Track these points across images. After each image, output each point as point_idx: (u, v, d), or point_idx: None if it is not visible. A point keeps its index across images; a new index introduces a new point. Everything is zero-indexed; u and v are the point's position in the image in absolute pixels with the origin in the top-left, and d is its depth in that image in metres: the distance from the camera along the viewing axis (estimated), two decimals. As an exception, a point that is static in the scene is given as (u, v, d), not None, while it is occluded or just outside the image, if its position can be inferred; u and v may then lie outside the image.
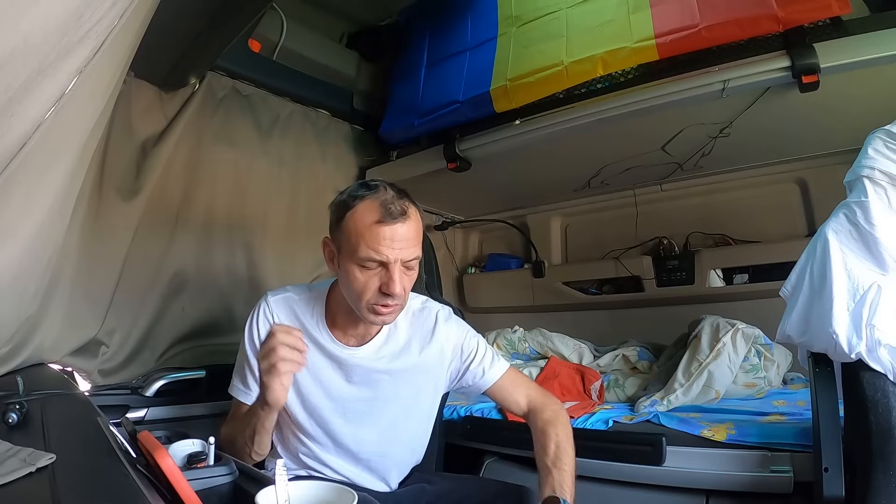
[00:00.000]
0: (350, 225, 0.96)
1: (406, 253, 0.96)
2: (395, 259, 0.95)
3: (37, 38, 0.52)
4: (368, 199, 0.96)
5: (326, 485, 0.69)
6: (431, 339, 1.14)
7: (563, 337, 2.17)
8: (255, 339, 1.11)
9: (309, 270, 2.22)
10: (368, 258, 0.94)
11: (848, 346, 1.01)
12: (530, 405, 1.15)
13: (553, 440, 1.05)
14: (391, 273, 0.95)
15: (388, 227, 0.94)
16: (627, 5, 1.58)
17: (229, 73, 1.98)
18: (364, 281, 0.96)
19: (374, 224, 0.94)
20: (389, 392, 1.11)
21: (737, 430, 1.33)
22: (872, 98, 1.48)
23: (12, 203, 0.72)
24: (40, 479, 0.57)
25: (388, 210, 0.94)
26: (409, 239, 0.96)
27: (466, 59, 1.95)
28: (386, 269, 0.96)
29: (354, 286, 0.98)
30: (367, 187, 0.98)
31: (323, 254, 1.07)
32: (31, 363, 1.30)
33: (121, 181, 1.65)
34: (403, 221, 0.95)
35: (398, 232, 0.94)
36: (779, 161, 2.05)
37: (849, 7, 1.31)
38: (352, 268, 0.97)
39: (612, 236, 2.50)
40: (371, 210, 0.95)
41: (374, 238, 0.94)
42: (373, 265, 0.95)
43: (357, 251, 0.95)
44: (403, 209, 0.96)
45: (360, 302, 0.99)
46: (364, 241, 0.94)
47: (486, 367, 1.15)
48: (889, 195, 1.03)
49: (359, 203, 0.96)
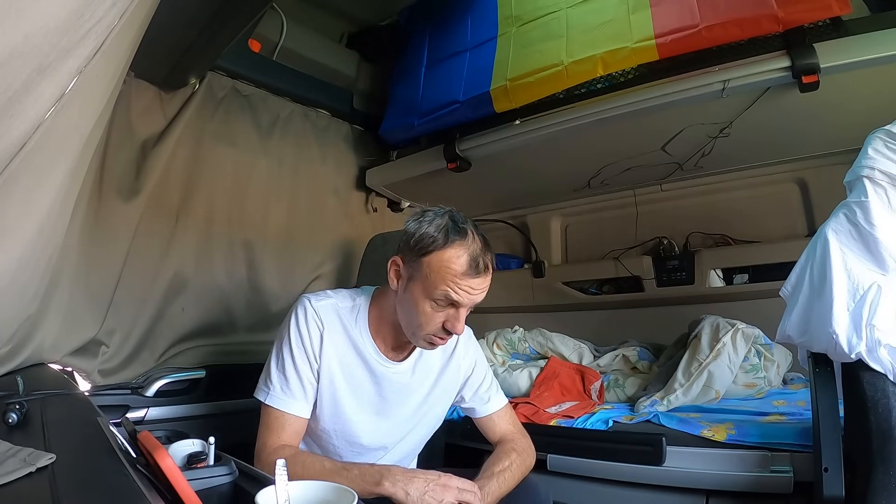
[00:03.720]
0: (435, 263, 0.99)
1: (477, 299, 1.02)
2: (467, 303, 1.01)
3: (37, 38, 0.52)
4: (459, 247, 0.99)
5: (326, 485, 0.69)
6: (452, 356, 1.20)
7: (563, 337, 2.16)
8: (304, 343, 1.07)
9: (309, 270, 2.22)
10: (447, 298, 0.99)
11: (848, 346, 1.01)
12: (504, 437, 1.21)
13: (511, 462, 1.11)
14: (459, 315, 1.01)
15: (474, 279, 0.99)
16: (627, 5, 1.58)
17: (229, 73, 1.98)
18: (431, 315, 1.01)
19: (461, 274, 0.98)
20: (413, 404, 1.16)
21: (737, 430, 1.33)
22: (872, 98, 1.48)
23: (12, 203, 0.72)
24: (40, 479, 0.57)
25: (476, 265, 0.99)
26: (485, 289, 1.02)
27: (466, 59, 1.95)
28: (455, 310, 1.01)
29: (419, 318, 1.02)
30: (457, 231, 1.00)
31: (388, 271, 1.07)
32: (31, 363, 1.30)
33: (121, 181, 1.66)
34: (485, 276, 1.01)
35: (480, 283, 1.00)
36: (779, 161, 2.05)
37: (849, 7, 1.31)
38: (422, 300, 1.00)
39: (612, 236, 2.50)
40: (459, 258, 0.98)
41: (458, 285, 0.98)
42: (444, 304, 1.00)
43: (436, 289, 0.98)
44: (487, 264, 1.01)
45: (418, 330, 1.03)
46: (446, 284, 0.98)
47: (488, 398, 1.23)
48: (889, 195, 1.03)
49: (449, 248, 0.99)
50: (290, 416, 1.05)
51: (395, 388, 1.13)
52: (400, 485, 0.90)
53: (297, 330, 1.07)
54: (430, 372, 1.18)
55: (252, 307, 2.00)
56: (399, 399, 1.14)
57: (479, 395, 1.23)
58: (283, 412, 1.05)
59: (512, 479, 1.08)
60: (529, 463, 1.17)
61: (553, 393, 1.83)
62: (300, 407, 1.06)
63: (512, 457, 1.13)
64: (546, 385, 1.88)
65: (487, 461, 1.11)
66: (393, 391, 1.13)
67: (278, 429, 1.04)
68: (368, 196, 2.52)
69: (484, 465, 1.10)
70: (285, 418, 1.05)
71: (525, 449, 1.18)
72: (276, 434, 1.04)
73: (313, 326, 1.07)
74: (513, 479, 1.09)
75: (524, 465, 1.14)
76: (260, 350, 1.94)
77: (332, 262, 2.32)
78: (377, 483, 0.91)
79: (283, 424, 1.04)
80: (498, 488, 1.04)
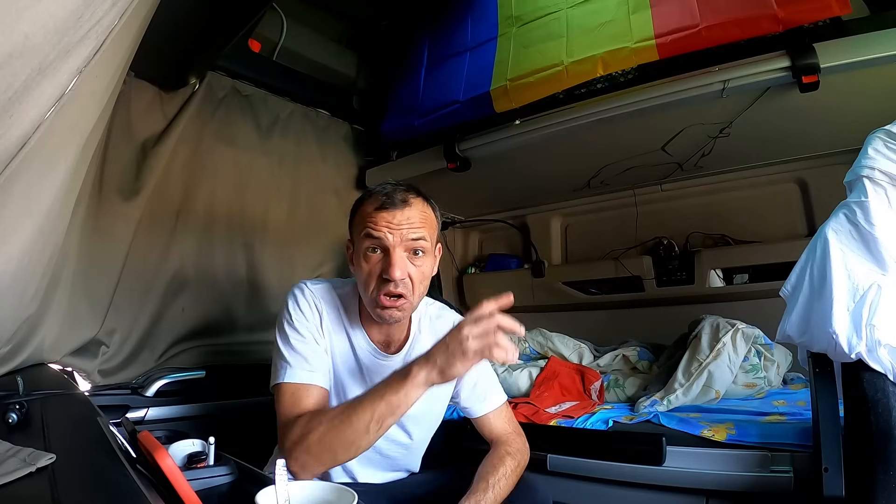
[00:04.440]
0: (356, 218, 1.02)
1: (407, 233, 0.97)
2: (395, 243, 0.97)
3: (37, 38, 0.52)
4: (377, 193, 1.01)
5: (326, 485, 0.69)
6: None
7: (563, 337, 2.16)
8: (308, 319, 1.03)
9: (309, 270, 2.23)
10: (369, 237, 0.98)
11: (848, 346, 1.01)
12: (501, 437, 1.18)
13: (506, 468, 1.08)
14: (392, 258, 0.97)
15: (387, 212, 0.98)
16: (627, 5, 1.58)
17: (229, 73, 1.98)
18: (368, 269, 0.99)
19: (374, 211, 0.98)
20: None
21: (737, 430, 1.33)
22: (872, 98, 1.48)
23: (12, 203, 0.72)
24: (40, 479, 0.57)
25: (390, 197, 0.98)
26: (411, 221, 0.98)
27: (466, 59, 1.95)
28: (387, 256, 0.97)
29: (361, 278, 1.01)
30: (381, 186, 1.03)
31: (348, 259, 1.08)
32: (31, 363, 1.30)
33: (121, 181, 1.66)
34: (403, 207, 0.98)
35: (397, 215, 0.98)
36: (779, 161, 2.05)
37: (849, 7, 1.31)
38: (359, 259, 1.00)
39: (612, 236, 2.50)
40: (375, 200, 1.00)
41: (374, 220, 0.98)
42: (375, 251, 0.98)
43: (359, 237, 0.99)
44: (405, 197, 0.99)
45: (367, 296, 1.00)
46: (364, 224, 0.98)
47: (485, 396, 1.20)
48: (889, 195, 1.03)
49: (370, 198, 1.02)
50: (309, 385, 0.98)
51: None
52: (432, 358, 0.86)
53: (297, 308, 1.05)
54: None
55: (252, 307, 2.00)
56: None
57: (476, 393, 1.19)
58: (301, 383, 0.97)
59: (507, 486, 1.06)
60: (524, 464, 1.15)
61: (553, 393, 1.83)
62: (319, 377, 1.00)
63: (506, 462, 1.10)
64: (546, 385, 1.87)
65: (482, 468, 1.08)
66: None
67: (301, 399, 0.96)
68: (368, 196, 2.52)
69: (478, 473, 1.07)
70: (305, 388, 0.97)
71: (520, 449, 1.16)
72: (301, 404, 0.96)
73: (312, 305, 1.06)
74: (508, 486, 1.06)
75: (519, 468, 1.12)
76: (260, 350, 1.94)
77: (332, 261, 2.32)
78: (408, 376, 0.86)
79: (305, 394, 0.97)
80: (494, 499, 1.02)
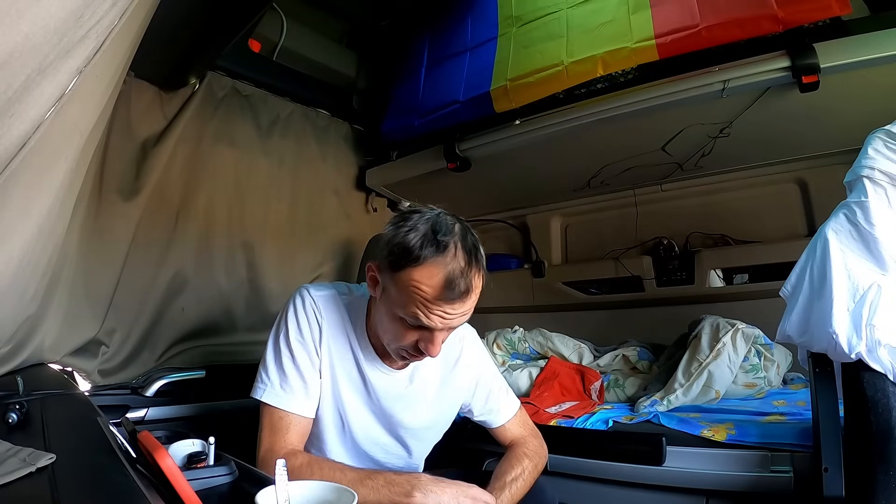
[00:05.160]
0: (406, 280, 0.86)
1: (455, 324, 0.90)
2: (442, 328, 0.89)
3: (37, 38, 0.52)
4: (433, 265, 0.85)
5: (326, 485, 0.69)
6: (456, 365, 1.13)
7: (563, 337, 2.16)
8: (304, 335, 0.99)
9: (309, 270, 2.23)
10: (416, 321, 0.88)
11: (848, 346, 1.01)
12: (518, 440, 1.18)
13: (524, 468, 1.08)
14: (434, 338, 0.90)
15: (448, 304, 0.86)
16: (627, 5, 1.58)
17: (229, 73, 1.98)
18: (402, 333, 0.91)
19: (434, 298, 0.85)
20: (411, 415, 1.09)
21: (737, 430, 1.33)
22: (872, 98, 1.48)
23: (12, 203, 0.72)
24: (40, 479, 0.57)
25: (453, 287, 0.85)
26: (465, 312, 0.89)
27: (466, 59, 1.95)
28: (430, 333, 0.90)
29: (388, 331, 0.94)
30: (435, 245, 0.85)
31: (366, 275, 0.97)
32: (31, 363, 1.30)
33: (121, 181, 1.66)
34: (464, 299, 0.87)
35: (456, 307, 0.87)
36: (779, 161, 2.05)
37: (849, 7, 1.31)
38: (393, 317, 0.91)
39: (612, 236, 2.50)
40: (432, 280, 0.85)
41: (429, 310, 0.86)
42: (416, 326, 0.90)
43: (405, 309, 0.88)
44: (468, 287, 0.86)
45: (391, 344, 0.95)
46: (415, 306, 0.86)
47: (499, 408, 1.18)
48: (889, 195, 1.03)
49: (424, 264, 0.85)
50: (293, 415, 0.97)
51: (389, 397, 1.05)
52: (432, 496, 0.84)
53: (295, 320, 0.99)
54: (429, 383, 1.10)
55: (252, 307, 2.00)
56: (395, 409, 1.06)
57: (489, 407, 1.17)
58: (286, 412, 0.96)
59: (525, 486, 1.05)
60: (541, 466, 1.13)
61: (553, 393, 1.83)
62: (303, 406, 0.98)
63: (524, 463, 1.09)
64: (546, 385, 1.87)
65: (499, 468, 1.07)
66: (388, 399, 1.05)
67: (283, 430, 0.96)
68: (368, 196, 2.52)
69: (495, 473, 1.05)
70: (289, 418, 0.96)
71: (537, 451, 1.15)
72: (282, 437, 0.95)
73: (312, 317, 1.00)
74: (525, 486, 1.05)
75: (536, 470, 1.11)
76: (260, 350, 1.93)
77: (332, 262, 2.32)
78: (407, 494, 0.84)
79: (288, 426, 0.96)
80: (511, 499, 1.01)
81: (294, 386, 0.98)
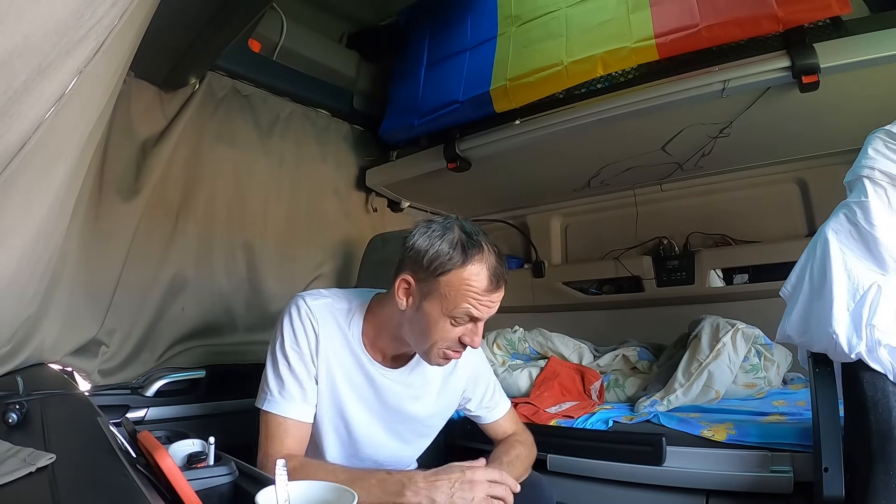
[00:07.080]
0: (455, 282, 0.95)
1: (495, 310, 1.00)
2: (485, 317, 0.99)
3: (37, 38, 0.52)
4: (477, 263, 0.95)
5: (326, 485, 0.69)
6: (455, 365, 1.16)
7: (563, 337, 2.16)
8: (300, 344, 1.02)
9: (309, 270, 2.22)
10: (468, 315, 0.97)
11: (848, 346, 1.01)
12: (509, 433, 1.23)
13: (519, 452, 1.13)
14: (478, 328, 0.99)
15: (493, 294, 0.97)
16: (627, 5, 1.58)
17: (229, 73, 1.98)
18: (449, 331, 0.98)
19: (483, 291, 0.95)
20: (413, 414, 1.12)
21: (737, 430, 1.33)
22: (872, 98, 1.48)
23: (12, 203, 0.72)
24: (40, 479, 0.57)
25: (497, 279, 0.97)
26: (501, 300, 1.00)
27: (466, 58, 1.95)
28: (474, 324, 0.99)
29: (433, 333, 0.98)
30: (473, 246, 0.96)
31: (395, 289, 1.00)
32: (31, 363, 1.30)
33: (121, 181, 1.66)
34: (502, 288, 0.99)
35: (500, 294, 0.99)
36: (779, 161, 2.05)
37: (849, 7, 1.31)
38: (441, 319, 0.97)
39: (612, 236, 2.50)
40: (480, 275, 0.95)
41: (479, 302, 0.96)
42: (465, 321, 0.98)
43: (456, 307, 0.95)
44: (504, 275, 0.98)
45: (431, 346, 0.99)
46: (467, 301, 0.95)
47: (494, 405, 1.24)
48: (889, 195, 1.03)
49: (469, 265, 0.95)
50: (291, 421, 1.00)
51: (394, 396, 1.09)
52: (424, 493, 0.86)
53: (291, 330, 1.02)
54: (429, 383, 1.14)
55: (252, 307, 2.00)
56: (399, 408, 1.10)
57: (485, 405, 1.23)
58: (284, 418, 0.99)
59: (521, 466, 1.10)
60: (533, 458, 1.18)
61: (553, 393, 1.83)
62: (300, 411, 1.01)
63: (518, 448, 1.15)
64: (546, 385, 1.88)
65: (495, 450, 1.13)
66: (393, 398, 1.09)
67: (281, 436, 0.99)
68: (368, 196, 2.52)
69: (492, 454, 1.10)
70: (287, 424, 0.99)
71: (529, 442, 1.21)
72: (279, 442, 0.99)
73: (308, 326, 1.02)
74: (522, 466, 1.10)
75: (529, 459, 1.16)
76: (260, 350, 1.92)
77: (332, 262, 2.32)
78: (398, 493, 0.86)
79: (286, 431, 0.99)
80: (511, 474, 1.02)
81: (291, 392, 1.01)
